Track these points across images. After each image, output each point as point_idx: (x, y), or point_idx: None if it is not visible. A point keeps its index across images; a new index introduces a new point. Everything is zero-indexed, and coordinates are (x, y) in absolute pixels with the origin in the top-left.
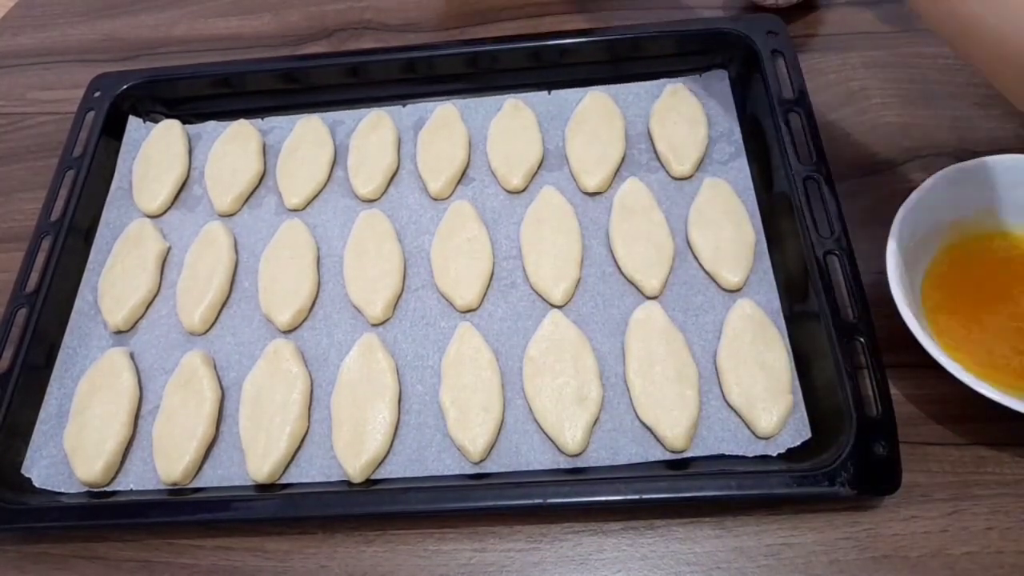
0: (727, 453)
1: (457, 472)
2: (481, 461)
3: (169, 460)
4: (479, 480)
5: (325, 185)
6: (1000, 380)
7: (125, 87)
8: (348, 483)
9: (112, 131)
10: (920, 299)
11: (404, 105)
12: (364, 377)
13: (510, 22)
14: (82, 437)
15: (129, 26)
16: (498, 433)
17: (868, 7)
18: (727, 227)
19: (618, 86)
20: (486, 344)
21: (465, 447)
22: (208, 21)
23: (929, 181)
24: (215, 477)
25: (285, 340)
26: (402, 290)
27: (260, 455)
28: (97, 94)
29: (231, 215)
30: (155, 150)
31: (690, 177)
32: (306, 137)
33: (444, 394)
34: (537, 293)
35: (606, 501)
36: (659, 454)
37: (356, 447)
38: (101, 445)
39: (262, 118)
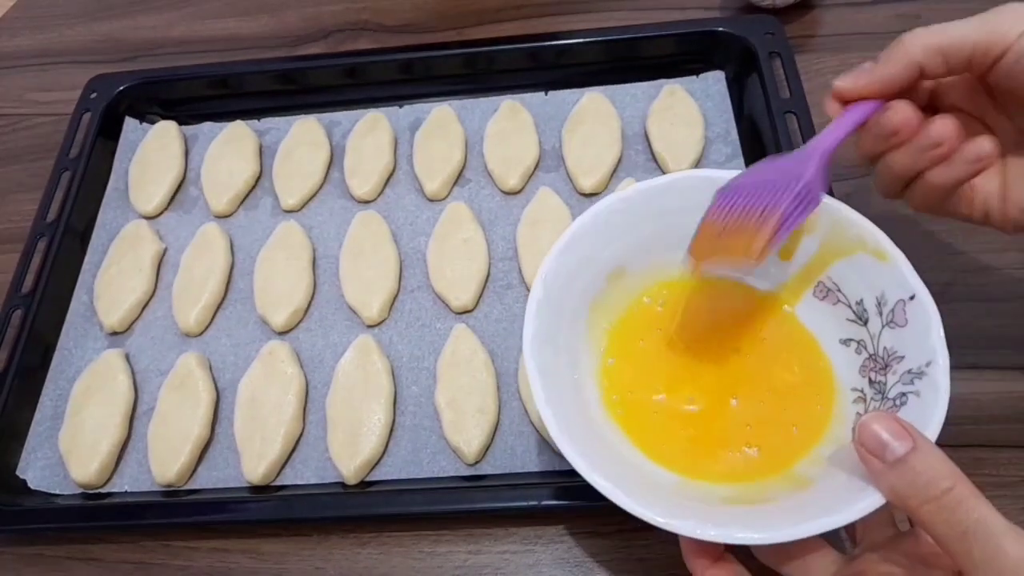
0: None
1: (452, 474)
2: (476, 463)
3: (164, 462)
4: (474, 482)
5: (321, 186)
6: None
7: (122, 88)
8: (343, 485)
9: (109, 132)
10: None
11: (401, 106)
12: (360, 378)
13: (507, 23)
14: (77, 438)
15: (127, 27)
16: (493, 435)
17: (866, 7)
18: None
19: (615, 87)
20: (482, 345)
21: (460, 449)
22: (205, 22)
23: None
24: (210, 479)
25: (280, 341)
26: (398, 291)
27: (255, 456)
28: (94, 95)
29: (227, 216)
30: (152, 151)
31: None
32: (303, 138)
33: (439, 396)
34: None
35: (601, 503)
36: None
37: (351, 449)
38: (96, 446)
39: (259, 119)
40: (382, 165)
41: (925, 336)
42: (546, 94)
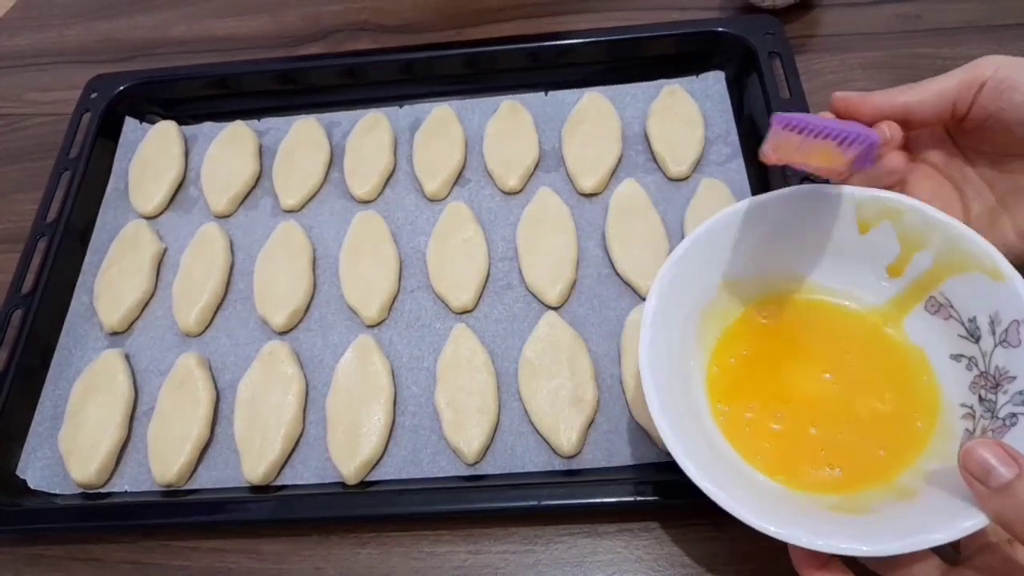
0: None
1: (452, 474)
2: (476, 463)
3: (164, 462)
4: (474, 482)
5: (321, 186)
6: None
7: (122, 88)
8: (343, 485)
9: (108, 132)
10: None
11: (401, 106)
12: (359, 379)
13: (507, 23)
14: (77, 438)
15: (126, 27)
16: (493, 435)
17: (865, 8)
18: None
19: (615, 87)
20: (482, 346)
21: (460, 449)
22: (205, 22)
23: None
24: (210, 479)
25: (280, 342)
26: (398, 291)
27: (255, 457)
28: (94, 95)
29: (227, 216)
30: (151, 151)
31: (687, 178)
32: (303, 139)
33: (439, 396)
34: (533, 294)
35: (601, 503)
36: (654, 456)
37: (351, 449)
38: (96, 447)
39: (259, 119)
40: (382, 165)
41: None
42: (546, 94)
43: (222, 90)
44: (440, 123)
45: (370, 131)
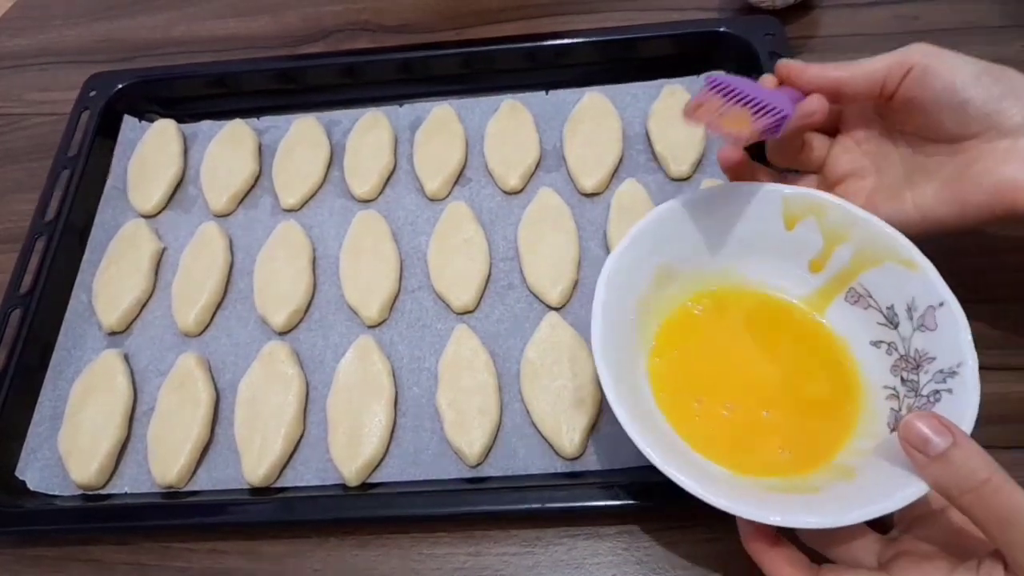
0: None
1: (455, 475)
2: (478, 464)
3: (164, 463)
4: (476, 484)
5: (321, 185)
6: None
7: (120, 86)
8: (344, 487)
9: (107, 131)
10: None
11: (401, 105)
12: (360, 379)
13: (507, 23)
14: (76, 439)
15: (126, 28)
16: (495, 436)
17: (865, 8)
18: None
19: (616, 87)
20: (483, 346)
21: (462, 450)
22: (205, 23)
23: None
24: (210, 480)
25: (280, 342)
26: (398, 291)
27: (255, 458)
28: (92, 93)
29: (226, 215)
30: (150, 150)
31: (688, 178)
32: (302, 137)
33: (441, 396)
34: (534, 295)
35: (604, 506)
36: None
37: (352, 450)
38: (95, 447)
39: (258, 118)
40: (382, 164)
41: (955, 340)
42: (547, 94)
43: (221, 89)
44: (440, 122)
45: (370, 130)
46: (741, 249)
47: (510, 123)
